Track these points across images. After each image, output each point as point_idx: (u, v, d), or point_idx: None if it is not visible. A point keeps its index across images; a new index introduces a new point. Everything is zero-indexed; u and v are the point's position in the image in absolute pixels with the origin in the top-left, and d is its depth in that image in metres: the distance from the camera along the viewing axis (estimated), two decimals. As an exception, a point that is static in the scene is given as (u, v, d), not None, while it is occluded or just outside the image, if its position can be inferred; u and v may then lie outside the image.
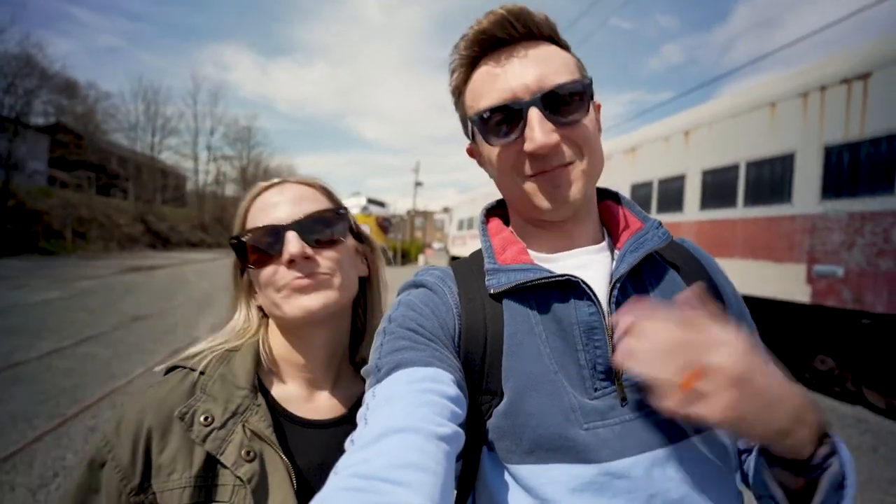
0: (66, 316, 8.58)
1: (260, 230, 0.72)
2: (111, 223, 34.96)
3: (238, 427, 0.65)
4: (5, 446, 3.53)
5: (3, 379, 5.03)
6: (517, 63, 0.61)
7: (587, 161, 0.62)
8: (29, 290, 11.64)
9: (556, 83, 0.59)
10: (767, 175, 6.08)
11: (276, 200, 0.75)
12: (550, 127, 0.59)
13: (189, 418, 0.64)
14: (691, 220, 7.47)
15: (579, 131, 0.61)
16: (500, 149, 0.63)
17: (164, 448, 0.63)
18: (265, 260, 0.72)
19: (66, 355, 6.04)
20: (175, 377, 0.70)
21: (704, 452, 0.59)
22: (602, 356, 0.60)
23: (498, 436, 0.60)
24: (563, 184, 0.61)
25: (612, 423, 0.57)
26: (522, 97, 0.59)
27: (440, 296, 0.66)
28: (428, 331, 0.61)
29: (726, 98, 7.22)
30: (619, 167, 9.51)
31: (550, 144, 0.59)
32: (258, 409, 0.68)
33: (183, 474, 0.61)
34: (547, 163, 0.61)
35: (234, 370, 0.71)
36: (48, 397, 4.57)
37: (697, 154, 7.32)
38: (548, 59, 0.61)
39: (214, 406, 0.66)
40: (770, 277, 6.00)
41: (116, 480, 0.61)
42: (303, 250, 0.70)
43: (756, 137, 6.23)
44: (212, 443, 0.63)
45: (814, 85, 5.45)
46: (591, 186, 0.65)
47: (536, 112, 0.59)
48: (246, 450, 0.64)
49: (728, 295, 0.73)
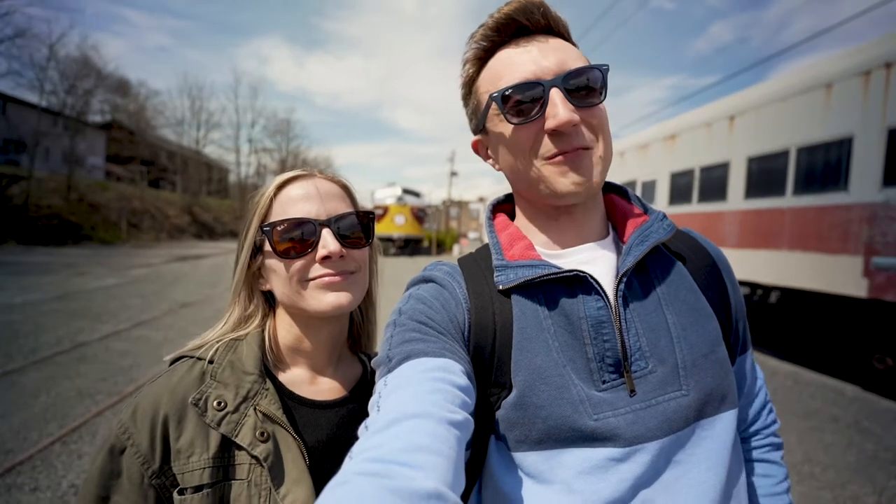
0: (122, 301, 9.21)
1: (293, 221, 0.72)
2: (161, 214, 36.96)
3: (250, 410, 0.69)
4: (74, 419, 3.87)
5: (70, 358, 5.48)
6: (538, 48, 0.62)
7: (603, 147, 0.63)
8: (90, 278, 12.55)
9: (578, 66, 0.61)
10: (821, 161, 5.70)
11: (309, 193, 0.75)
12: (571, 107, 0.60)
13: (203, 404, 0.67)
14: (735, 210, 7.12)
15: (598, 115, 0.62)
16: (519, 129, 0.63)
17: (182, 433, 0.66)
18: (296, 252, 0.72)
19: (123, 338, 6.49)
20: (182, 367, 0.73)
21: (711, 438, 0.60)
22: (611, 349, 0.61)
23: (507, 426, 0.61)
24: (583, 166, 0.61)
25: (622, 413, 0.58)
26: (545, 77, 0.61)
27: (449, 290, 0.67)
28: (438, 324, 0.63)
29: (776, 80, 6.79)
30: (658, 155, 9.16)
31: (574, 121, 0.59)
32: (267, 393, 0.71)
33: (201, 456, 0.65)
34: (568, 143, 0.60)
35: (242, 357, 0.73)
36: (108, 375, 4.94)
37: (743, 140, 6.94)
38: (566, 49, 0.64)
39: (226, 392, 0.69)
40: (822, 270, 5.65)
41: (138, 465, 0.65)
42: (340, 249, 0.73)
43: (809, 121, 5.84)
44: (226, 426, 0.66)
45: (878, 62, 5.02)
46: (605, 174, 0.65)
47: (559, 92, 0.60)
48: (260, 431, 0.67)
49: (730, 287, 0.72)
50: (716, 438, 0.60)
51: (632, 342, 0.61)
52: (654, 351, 0.61)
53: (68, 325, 6.99)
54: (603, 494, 0.56)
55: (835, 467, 3.52)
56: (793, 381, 5.62)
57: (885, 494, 3.17)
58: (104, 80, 36.74)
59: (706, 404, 0.60)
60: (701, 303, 0.66)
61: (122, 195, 33.31)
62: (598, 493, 0.56)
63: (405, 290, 0.72)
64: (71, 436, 3.60)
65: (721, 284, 0.71)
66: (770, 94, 6.51)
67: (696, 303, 0.66)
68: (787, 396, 5.03)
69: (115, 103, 41.81)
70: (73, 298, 9.25)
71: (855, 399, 5.03)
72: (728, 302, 0.71)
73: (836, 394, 5.18)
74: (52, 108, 31.16)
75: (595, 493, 0.56)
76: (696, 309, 0.65)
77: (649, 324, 0.62)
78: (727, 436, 0.61)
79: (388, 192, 29.68)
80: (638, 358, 0.61)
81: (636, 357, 0.61)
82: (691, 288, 0.67)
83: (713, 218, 7.65)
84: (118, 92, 41.23)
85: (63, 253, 20.00)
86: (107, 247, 25.46)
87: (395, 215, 27.97)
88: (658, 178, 9.22)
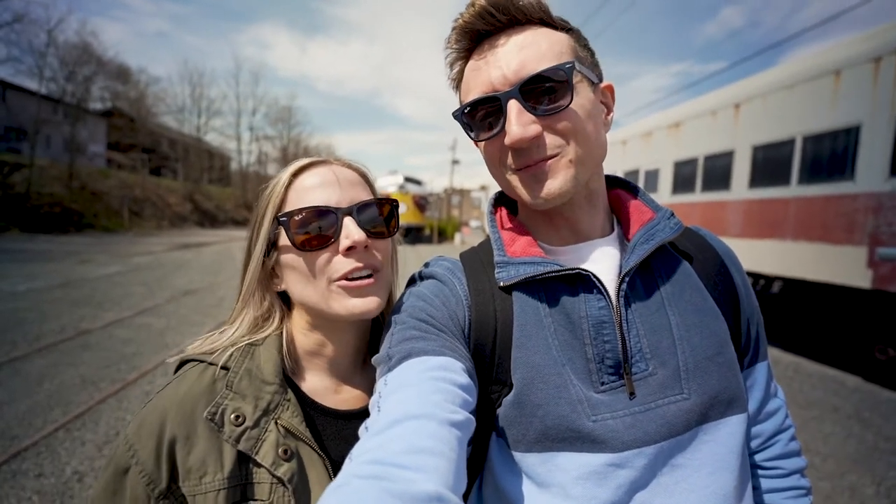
0: (124, 289, 9.23)
1: (313, 210, 0.65)
2: (163, 202, 36.97)
3: (271, 424, 0.62)
4: (77, 406, 3.91)
5: (74, 345, 5.52)
6: (499, 53, 0.59)
7: (575, 149, 0.59)
8: (93, 265, 12.57)
9: (535, 71, 0.57)
10: (827, 150, 5.63)
11: (327, 180, 0.69)
12: (530, 118, 0.57)
13: (219, 419, 0.60)
14: (739, 199, 7.07)
15: (564, 120, 0.58)
16: (486, 143, 0.63)
17: (191, 450, 0.60)
18: (317, 244, 0.65)
19: (126, 325, 6.52)
20: (192, 373, 0.66)
21: (715, 443, 0.58)
22: (611, 350, 0.59)
23: (506, 424, 0.60)
24: (545, 178, 0.59)
25: (620, 415, 0.57)
26: (501, 89, 0.58)
27: (450, 287, 0.66)
28: (438, 321, 0.61)
29: (783, 67, 6.67)
30: (661, 143, 9.06)
31: (527, 137, 0.57)
32: (289, 405, 0.65)
33: (216, 476, 0.59)
34: (529, 157, 0.59)
35: (260, 365, 0.66)
36: (111, 363, 4.98)
37: (748, 128, 6.85)
38: (532, 44, 0.58)
39: (244, 404, 0.62)
40: (826, 260, 5.62)
41: (143, 485, 0.59)
42: (365, 239, 0.66)
43: (816, 109, 5.75)
44: (246, 442, 0.60)
45: (889, 48, 4.90)
46: (585, 174, 0.61)
47: (515, 104, 0.57)
48: (283, 448, 0.61)
49: (740, 287, 0.70)
50: (720, 443, 0.58)
51: (633, 343, 0.60)
52: (655, 353, 0.60)
53: (72, 313, 7.02)
54: (601, 500, 0.55)
55: (834, 457, 3.53)
56: (794, 371, 5.63)
57: (883, 485, 3.18)
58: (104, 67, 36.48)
59: (710, 408, 0.59)
60: (707, 303, 0.64)
61: (124, 183, 33.28)
62: (597, 499, 0.55)
63: (406, 286, 0.71)
64: (74, 423, 3.63)
65: (730, 284, 0.69)
66: (776, 82, 6.40)
67: (702, 303, 0.64)
68: (788, 387, 5.03)
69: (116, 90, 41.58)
70: (77, 286, 9.29)
71: (856, 389, 5.03)
72: (737, 302, 0.68)
73: (836, 384, 5.19)
74: (52, 95, 30.99)
75: (593, 498, 0.55)
76: (701, 309, 0.63)
77: (651, 325, 0.61)
78: (733, 441, 0.59)
79: (389, 180, 29.58)
80: (639, 360, 0.59)
81: (637, 359, 0.59)
82: (697, 288, 0.65)
83: (716, 207, 7.59)
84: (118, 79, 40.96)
85: (65, 241, 20.05)
86: (109, 234, 25.51)
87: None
88: (661, 166, 9.13)
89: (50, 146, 31.27)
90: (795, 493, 0.72)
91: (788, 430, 0.74)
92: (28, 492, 2.77)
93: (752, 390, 0.70)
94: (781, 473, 0.72)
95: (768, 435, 0.72)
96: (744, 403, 0.62)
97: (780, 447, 0.72)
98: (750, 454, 0.73)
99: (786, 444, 0.73)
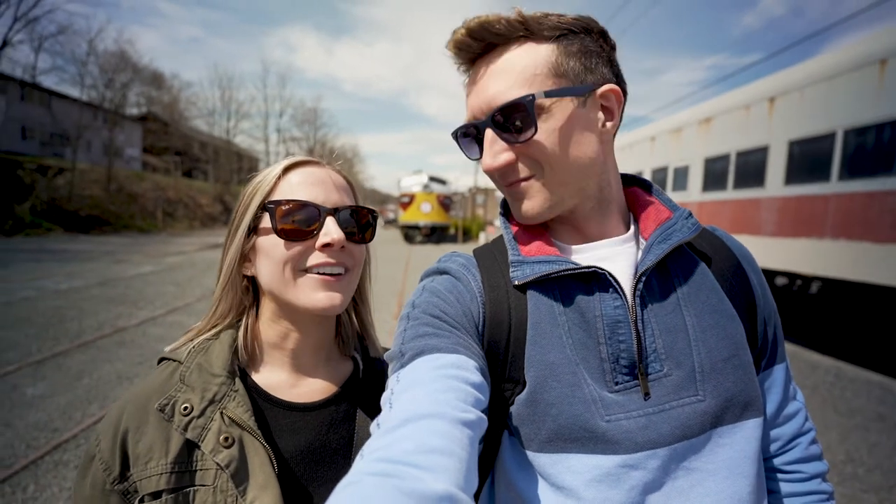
0: (157, 288, 9.59)
1: (300, 202, 0.70)
2: (194, 203, 38.24)
3: (216, 414, 0.67)
4: (113, 400, 4.06)
5: (111, 342, 5.76)
6: (478, 81, 0.62)
7: (549, 174, 0.61)
8: (128, 265, 13.12)
9: (502, 103, 0.58)
10: (871, 144, 5.33)
11: (319, 179, 0.73)
12: (502, 147, 0.60)
13: (170, 410, 0.66)
14: (774, 196, 6.78)
15: (532, 148, 0.60)
16: (477, 162, 0.67)
17: (141, 439, 0.65)
18: (297, 235, 0.69)
19: (159, 323, 6.76)
20: (157, 370, 0.72)
21: (731, 447, 0.58)
22: (626, 350, 0.59)
23: (519, 422, 0.60)
24: (520, 198, 0.63)
25: (634, 416, 0.57)
26: (480, 117, 0.62)
27: (464, 283, 0.66)
28: (452, 318, 0.61)
29: (822, 58, 6.36)
30: (691, 140, 8.80)
31: (496, 167, 0.61)
32: (236, 395, 0.69)
33: (159, 462, 0.64)
34: (504, 179, 0.63)
35: (210, 359, 0.71)
36: (144, 359, 5.17)
37: (784, 123, 6.57)
38: (504, 71, 0.59)
39: (193, 395, 0.67)
40: (869, 260, 5.33)
41: (101, 471, 0.65)
42: (343, 239, 0.70)
43: (858, 101, 5.46)
44: (192, 431, 0.65)
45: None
46: (566, 193, 0.62)
47: (490, 133, 0.60)
48: (224, 436, 0.65)
49: (757, 289, 0.68)
50: (736, 447, 0.58)
51: (648, 344, 0.59)
52: (670, 353, 0.59)
53: (108, 311, 7.33)
54: (614, 502, 0.54)
55: (881, 469, 3.34)
56: (835, 376, 5.36)
57: (934, 499, 2.99)
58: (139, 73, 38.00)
59: (725, 411, 0.58)
60: (724, 304, 0.63)
61: (158, 185, 34.60)
62: (609, 501, 0.55)
63: (419, 282, 0.71)
64: (111, 416, 3.79)
65: (746, 285, 0.67)
66: (815, 74, 6.11)
67: (718, 304, 0.62)
68: (828, 393, 4.80)
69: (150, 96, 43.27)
70: (113, 285, 9.70)
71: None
72: (754, 304, 0.67)
73: (882, 391, 4.90)
74: (93, 101, 32.47)
75: (606, 500, 0.55)
76: (718, 311, 0.62)
77: (667, 325, 0.60)
78: (749, 446, 0.58)
79: (414, 180, 29.67)
80: (653, 360, 0.59)
81: (651, 359, 0.59)
82: (714, 289, 0.64)
83: (749, 205, 7.31)
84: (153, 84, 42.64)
85: (103, 241, 21.00)
86: (144, 235, 26.56)
87: (422, 203, 27.97)
88: (691, 163, 8.86)
89: (90, 150, 32.78)
90: (817, 498, 0.70)
91: (809, 433, 0.72)
92: (68, 482, 2.90)
93: (770, 393, 0.69)
94: (802, 477, 0.70)
95: (788, 438, 0.71)
96: (760, 407, 0.61)
97: (800, 450, 0.71)
98: (769, 458, 0.71)
99: (806, 447, 0.71)
